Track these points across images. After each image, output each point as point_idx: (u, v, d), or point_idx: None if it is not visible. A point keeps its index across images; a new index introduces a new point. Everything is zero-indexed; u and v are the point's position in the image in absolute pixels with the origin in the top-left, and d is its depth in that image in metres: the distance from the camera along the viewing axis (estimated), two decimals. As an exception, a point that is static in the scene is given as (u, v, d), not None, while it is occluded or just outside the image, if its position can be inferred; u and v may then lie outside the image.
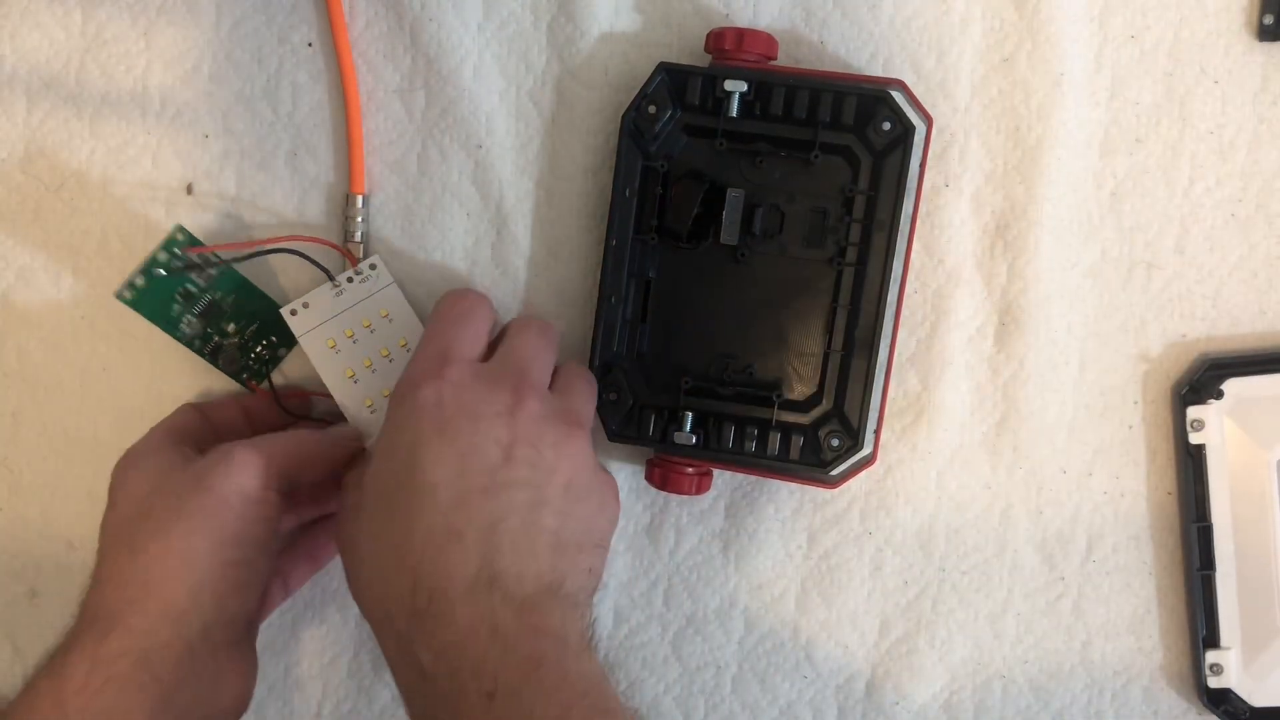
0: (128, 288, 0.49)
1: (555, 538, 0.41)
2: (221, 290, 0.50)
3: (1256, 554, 0.49)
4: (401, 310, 0.50)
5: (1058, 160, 0.49)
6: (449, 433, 0.41)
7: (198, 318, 0.50)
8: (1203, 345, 0.50)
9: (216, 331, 0.50)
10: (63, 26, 0.51)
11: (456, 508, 0.40)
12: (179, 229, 0.50)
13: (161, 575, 0.42)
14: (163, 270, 0.50)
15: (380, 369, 0.49)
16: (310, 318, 0.49)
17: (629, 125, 0.47)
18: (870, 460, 0.48)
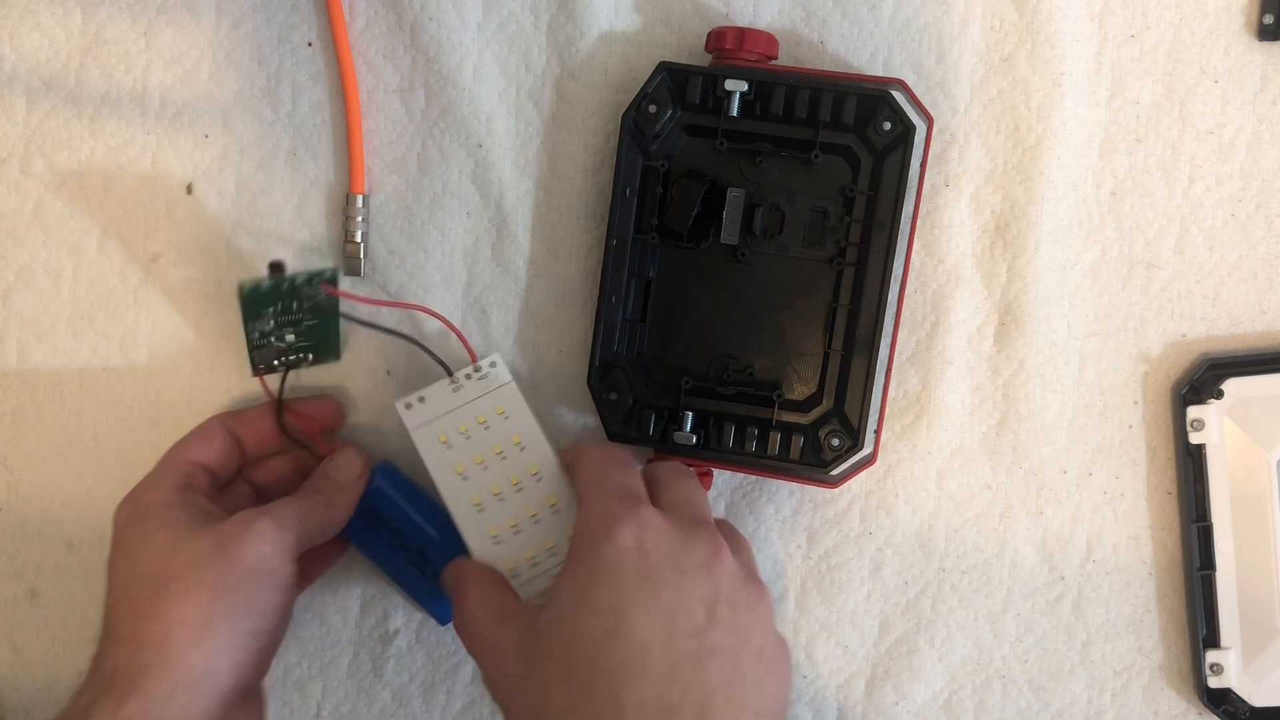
0: (254, 284, 0.47)
1: (755, 716, 0.38)
2: (312, 316, 0.49)
3: (1256, 554, 0.49)
4: (518, 408, 0.47)
5: (1058, 160, 0.49)
6: (654, 584, 0.38)
7: (275, 321, 0.48)
8: (1203, 345, 0.50)
9: (277, 337, 0.49)
10: (63, 26, 0.51)
11: (668, 677, 0.37)
12: (333, 270, 0.48)
13: (180, 642, 0.41)
14: (291, 286, 0.47)
15: (492, 466, 0.47)
16: (425, 412, 0.47)
17: (629, 125, 0.47)
18: (870, 460, 0.48)
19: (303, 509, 0.45)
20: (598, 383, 0.48)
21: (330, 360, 0.50)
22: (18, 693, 0.54)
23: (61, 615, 0.53)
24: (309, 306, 0.48)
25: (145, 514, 0.45)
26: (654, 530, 0.40)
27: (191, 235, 0.52)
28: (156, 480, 0.46)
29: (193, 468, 0.47)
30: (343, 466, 0.48)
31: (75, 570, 0.53)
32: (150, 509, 0.45)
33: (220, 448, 0.48)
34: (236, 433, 0.49)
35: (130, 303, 0.52)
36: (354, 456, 0.48)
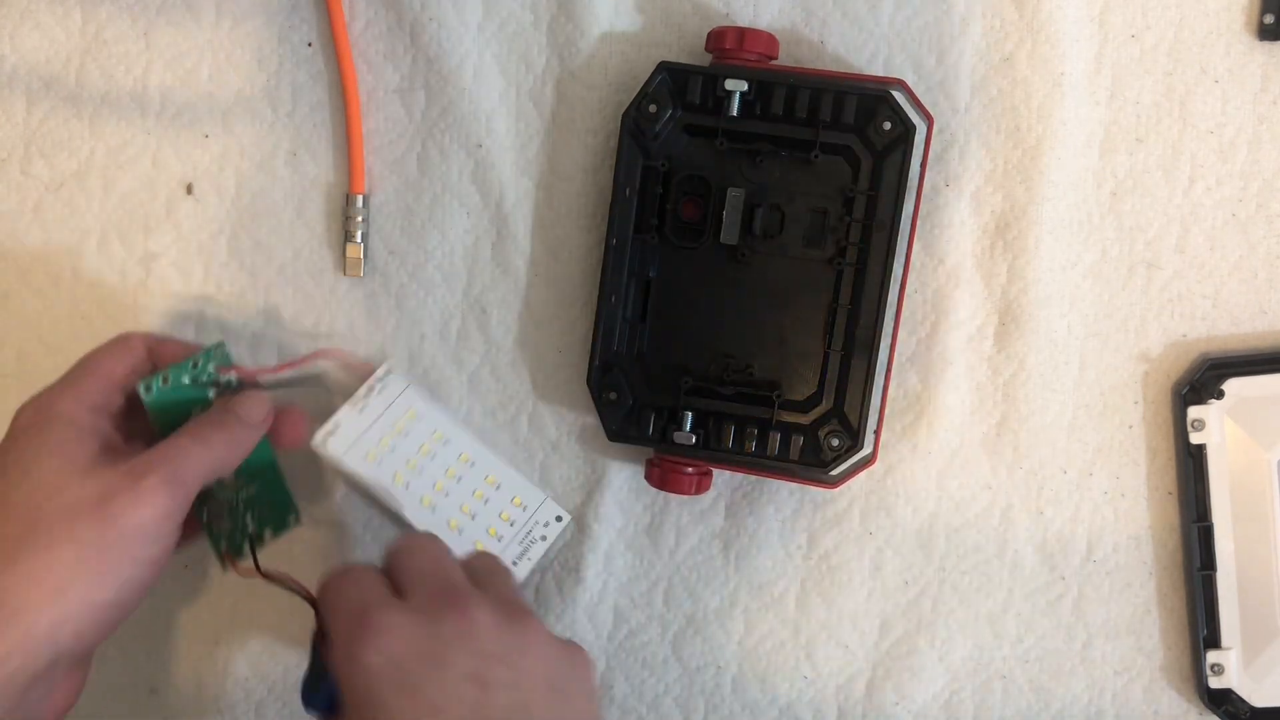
0: (150, 383, 0.44)
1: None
2: (249, 480, 0.47)
3: (1257, 554, 0.49)
4: (426, 407, 0.48)
5: (1058, 160, 0.49)
6: (413, 687, 0.37)
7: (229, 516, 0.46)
8: (1203, 345, 0.50)
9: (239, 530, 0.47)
10: (63, 26, 0.51)
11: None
12: (220, 346, 0.47)
13: (30, 601, 0.38)
14: (187, 379, 0.46)
15: (426, 466, 0.48)
16: (344, 438, 0.48)
17: (629, 125, 0.47)
18: (870, 460, 0.48)
19: (205, 453, 0.42)
20: (598, 383, 0.48)
21: (293, 524, 0.49)
22: None
23: (61, 615, 0.53)
24: (214, 385, 0.46)
25: (46, 425, 0.42)
26: (395, 634, 0.38)
27: (191, 235, 0.52)
28: (69, 388, 0.43)
29: (110, 384, 0.44)
30: (251, 408, 0.45)
31: (75, 570, 0.53)
32: (53, 421, 0.42)
33: (140, 366, 0.45)
34: (157, 352, 0.46)
35: (130, 303, 0.52)
36: (262, 399, 0.46)
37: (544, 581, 0.52)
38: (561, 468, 0.52)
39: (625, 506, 0.51)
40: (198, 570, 0.53)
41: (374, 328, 0.52)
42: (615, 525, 0.51)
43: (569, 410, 0.51)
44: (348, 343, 0.52)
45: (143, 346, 0.46)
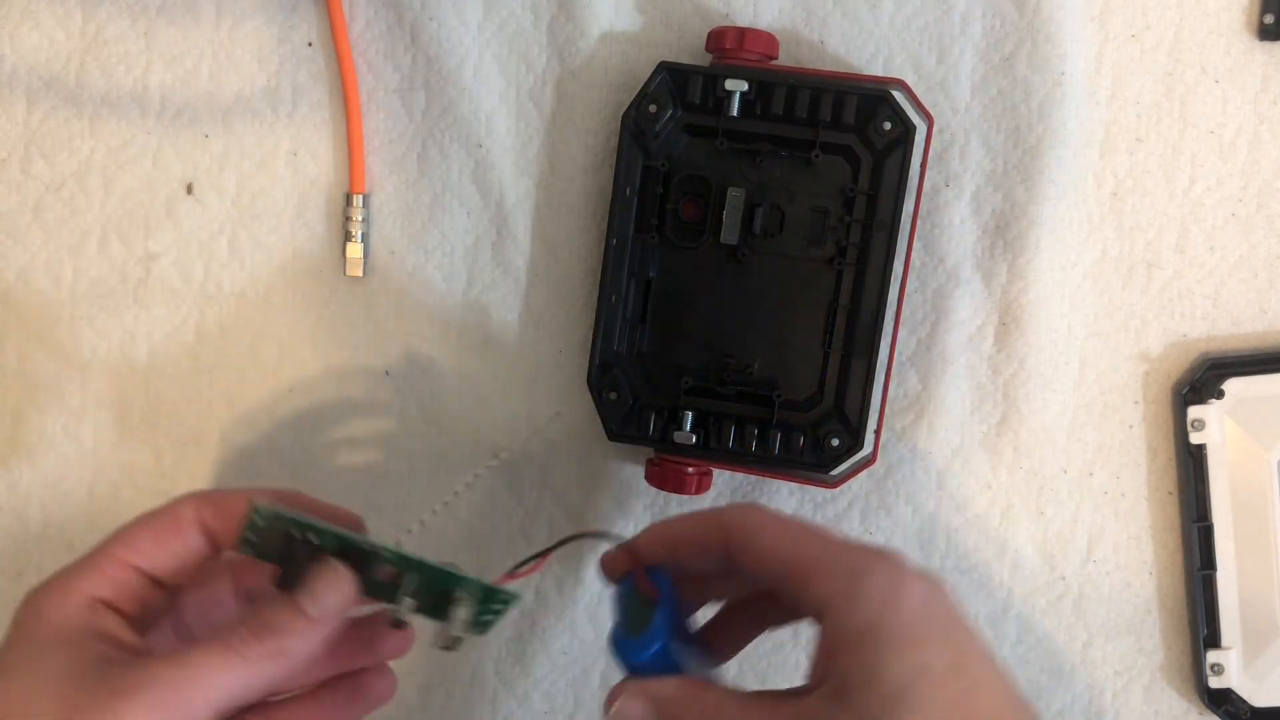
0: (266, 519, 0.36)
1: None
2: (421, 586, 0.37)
3: (1257, 554, 0.49)
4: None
5: (1058, 160, 0.49)
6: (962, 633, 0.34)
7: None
8: (1203, 345, 0.50)
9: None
10: (63, 26, 0.51)
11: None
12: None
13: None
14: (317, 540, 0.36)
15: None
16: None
17: (629, 124, 0.47)
18: (870, 460, 0.48)
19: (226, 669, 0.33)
20: (598, 382, 0.48)
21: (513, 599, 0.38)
22: None
23: (62, 615, 0.53)
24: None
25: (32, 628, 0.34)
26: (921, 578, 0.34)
27: (191, 235, 0.52)
28: (71, 578, 0.35)
29: (129, 572, 0.36)
30: (318, 593, 0.35)
31: (75, 570, 0.53)
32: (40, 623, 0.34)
33: (183, 549, 0.37)
34: (212, 526, 0.37)
35: (130, 303, 0.52)
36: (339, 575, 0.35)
37: (544, 582, 0.52)
38: (561, 468, 0.52)
39: (625, 506, 0.51)
40: (198, 570, 0.53)
41: (374, 328, 0.52)
42: (615, 525, 0.51)
43: (569, 410, 0.51)
44: (348, 342, 0.52)
45: (194, 521, 0.37)
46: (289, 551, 0.35)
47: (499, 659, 0.52)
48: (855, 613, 0.33)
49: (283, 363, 0.52)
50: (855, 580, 0.33)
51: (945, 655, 0.32)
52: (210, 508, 0.37)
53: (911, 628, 0.32)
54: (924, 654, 0.32)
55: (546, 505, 0.52)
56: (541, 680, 0.52)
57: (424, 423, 0.52)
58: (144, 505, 0.52)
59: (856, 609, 0.33)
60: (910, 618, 0.32)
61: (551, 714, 0.52)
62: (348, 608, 0.35)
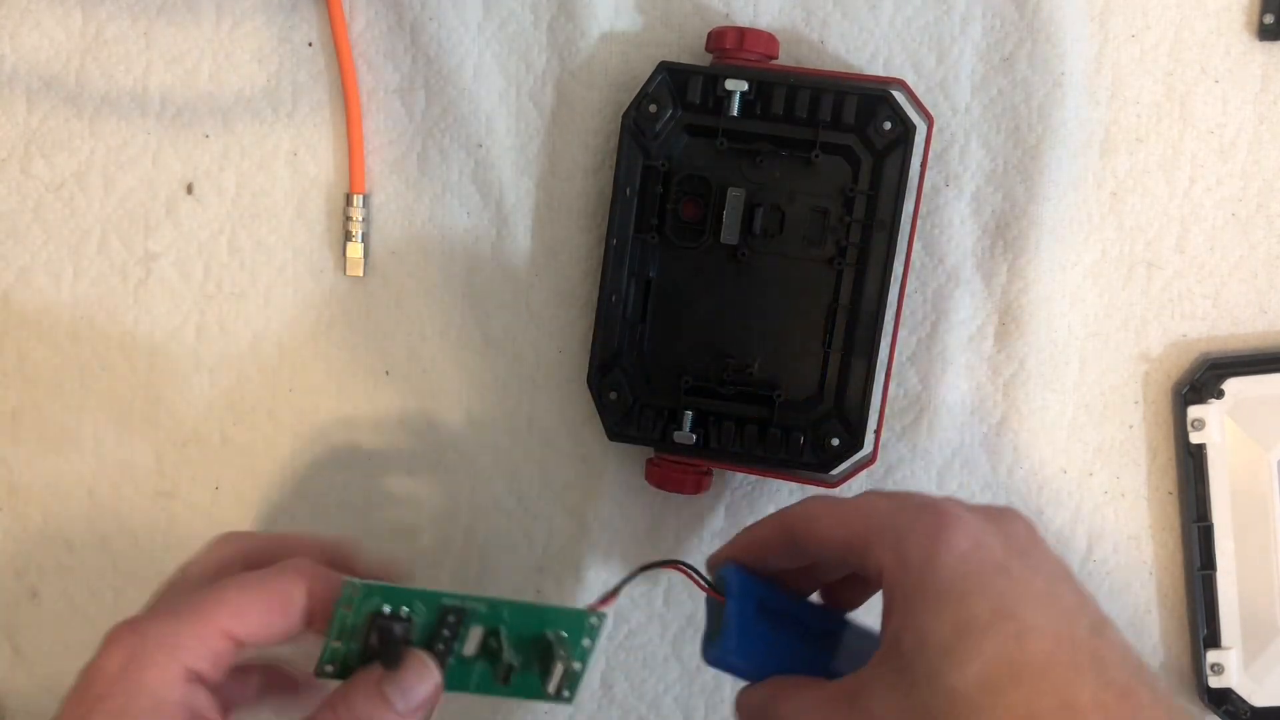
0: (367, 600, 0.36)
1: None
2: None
3: (1257, 554, 0.49)
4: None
5: (1058, 160, 0.49)
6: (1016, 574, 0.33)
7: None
8: (1203, 345, 0.50)
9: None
10: (63, 26, 0.51)
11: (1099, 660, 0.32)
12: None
13: None
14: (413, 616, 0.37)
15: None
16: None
17: (629, 124, 0.47)
18: (870, 460, 0.48)
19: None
20: (598, 382, 0.48)
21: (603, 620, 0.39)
22: (18, 693, 0.54)
23: (62, 615, 0.53)
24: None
25: (125, 700, 0.33)
26: (974, 523, 0.34)
27: (191, 235, 0.52)
28: (179, 648, 0.34)
29: (228, 646, 0.35)
30: (407, 687, 0.35)
31: (76, 570, 0.53)
32: (134, 695, 0.33)
33: (284, 628, 0.35)
34: (316, 605, 0.36)
35: (130, 303, 0.52)
36: (427, 671, 0.36)
37: (544, 582, 0.52)
38: (561, 468, 0.52)
39: (625, 506, 0.51)
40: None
41: (374, 328, 0.52)
42: (615, 525, 0.51)
43: (569, 410, 0.51)
44: (348, 342, 0.52)
45: (302, 596, 0.35)
46: (380, 633, 0.35)
47: (499, 659, 0.52)
48: (901, 575, 0.33)
49: (283, 363, 0.52)
50: (898, 545, 0.33)
51: (989, 604, 0.32)
52: (320, 584, 0.36)
53: (951, 583, 0.32)
54: (966, 607, 0.32)
55: (546, 505, 0.52)
56: (541, 680, 0.52)
57: (424, 423, 0.52)
58: (144, 505, 0.53)
59: (902, 572, 0.33)
60: (950, 573, 0.32)
61: (551, 714, 0.53)
62: (436, 700, 0.36)
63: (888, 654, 0.33)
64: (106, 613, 0.53)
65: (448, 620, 0.36)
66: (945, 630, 0.32)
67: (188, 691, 0.34)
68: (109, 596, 0.53)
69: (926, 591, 0.32)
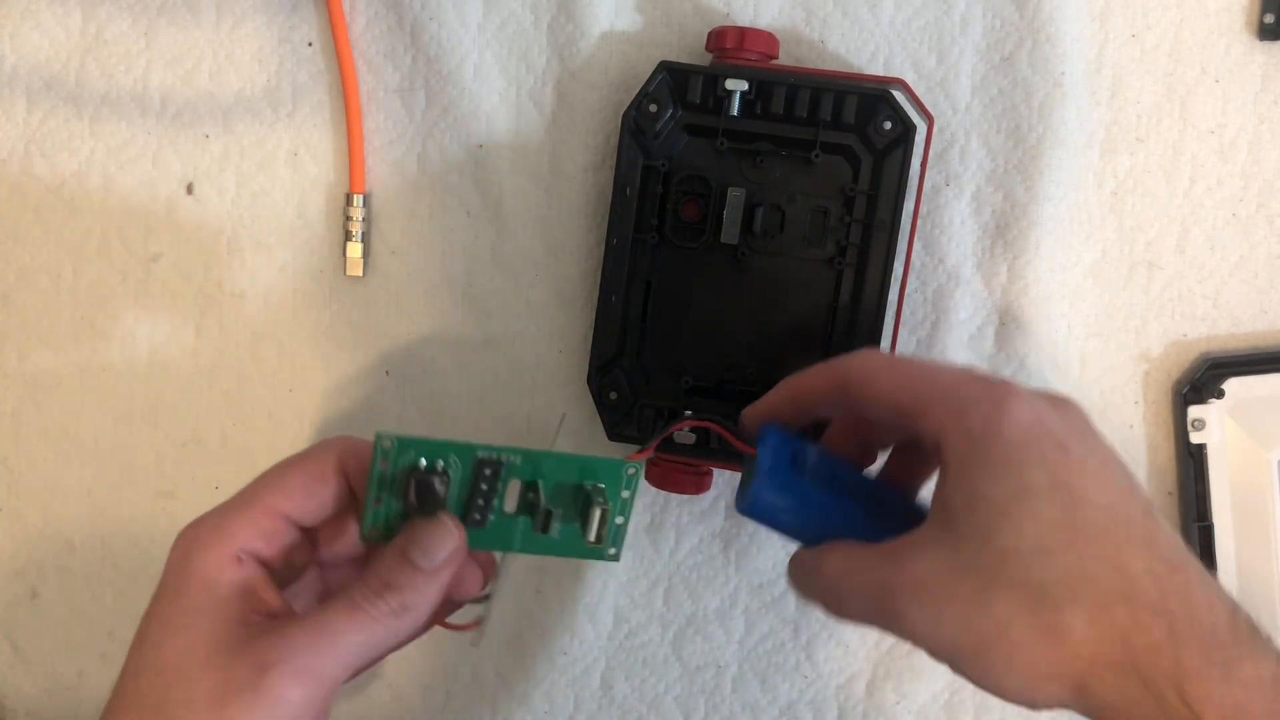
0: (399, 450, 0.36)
1: None
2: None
3: (1257, 554, 0.49)
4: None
5: (1058, 159, 0.49)
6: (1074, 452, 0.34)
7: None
8: (1203, 345, 0.50)
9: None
10: (63, 26, 0.51)
11: (1151, 539, 0.33)
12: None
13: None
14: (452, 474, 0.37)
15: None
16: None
17: (630, 124, 0.47)
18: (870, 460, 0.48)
19: (358, 628, 0.35)
20: (597, 382, 0.48)
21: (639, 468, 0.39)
22: (18, 693, 0.54)
23: (62, 615, 0.53)
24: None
25: (184, 587, 0.36)
26: (1035, 399, 0.34)
27: (191, 235, 0.52)
28: (225, 524, 0.36)
29: (277, 522, 0.37)
30: (427, 546, 0.36)
31: (76, 570, 0.53)
32: (191, 582, 0.35)
33: (328, 496, 0.37)
34: (354, 480, 0.38)
35: (130, 303, 0.52)
36: (446, 529, 0.37)
37: (544, 581, 0.52)
38: (561, 468, 0.52)
39: (625, 506, 0.51)
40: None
41: (374, 328, 0.52)
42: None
43: (569, 410, 0.51)
44: (348, 342, 0.52)
45: (336, 471, 0.37)
46: (418, 488, 0.36)
47: (499, 659, 0.52)
48: (960, 441, 0.33)
49: (283, 363, 0.52)
50: (960, 411, 0.34)
51: (1047, 473, 0.32)
52: (352, 454, 0.38)
53: (1012, 450, 0.33)
54: (1026, 475, 0.32)
55: (546, 505, 0.52)
56: (541, 680, 0.52)
57: (424, 423, 0.52)
58: (144, 505, 0.53)
59: (960, 436, 0.33)
60: (1012, 441, 0.33)
61: (551, 714, 0.53)
62: (459, 556, 0.37)
63: (937, 517, 0.34)
64: (106, 613, 0.53)
65: (484, 473, 0.37)
66: (1002, 494, 0.32)
67: (239, 570, 0.35)
68: (109, 596, 0.53)
69: (986, 458, 0.33)
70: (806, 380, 0.39)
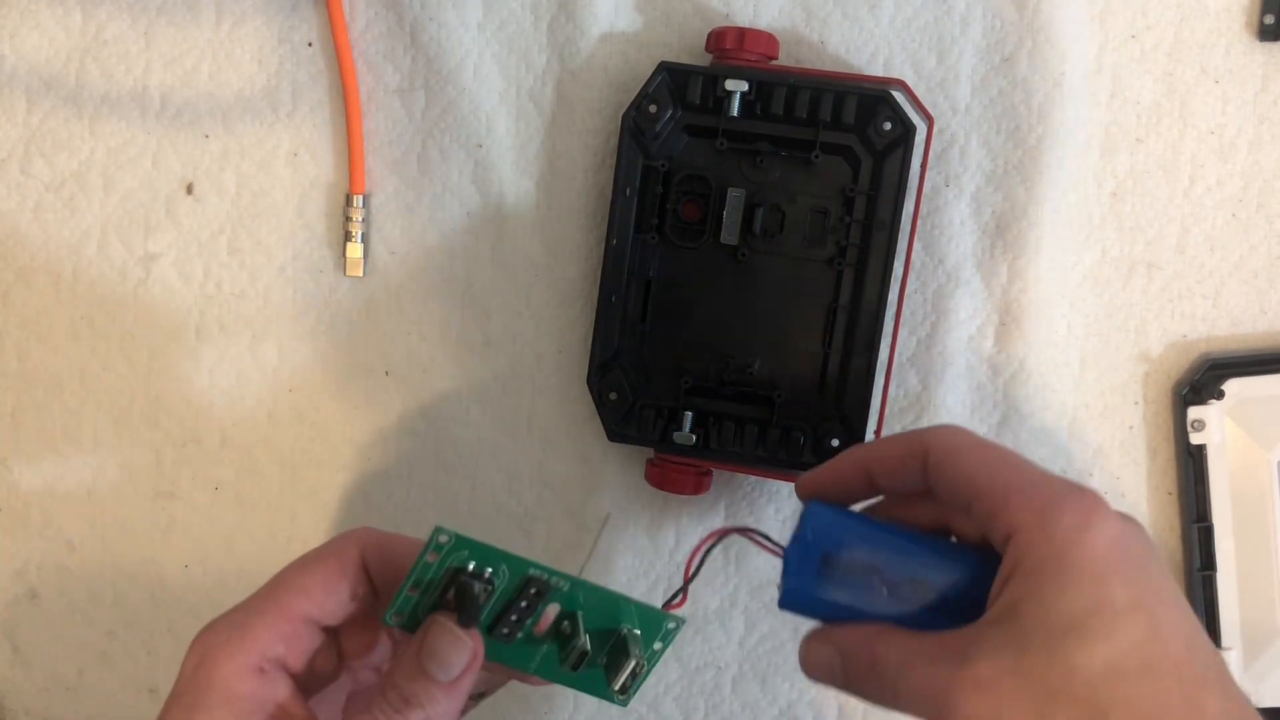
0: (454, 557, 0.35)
1: None
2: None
3: (1257, 555, 0.49)
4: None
5: (1058, 160, 0.49)
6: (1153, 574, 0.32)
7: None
8: (1203, 345, 0.50)
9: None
10: (63, 26, 0.51)
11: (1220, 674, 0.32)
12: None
13: None
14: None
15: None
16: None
17: (630, 124, 0.47)
18: (870, 460, 0.48)
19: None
20: (597, 382, 0.48)
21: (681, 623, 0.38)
22: (18, 693, 0.54)
23: (62, 615, 0.53)
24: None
25: (200, 697, 0.34)
26: (1117, 515, 0.33)
27: (191, 235, 0.52)
28: (243, 633, 0.34)
29: (299, 625, 0.35)
30: (444, 658, 0.35)
31: (76, 570, 0.53)
32: (207, 692, 0.34)
33: (349, 593, 0.36)
34: (374, 568, 0.36)
35: (130, 303, 0.52)
36: (460, 642, 0.35)
37: (544, 581, 0.52)
38: (561, 468, 0.52)
39: (625, 506, 0.51)
40: (198, 568, 0.53)
41: (374, 328, 0.52)
42: (615, 525, 0.51)
43: (569, 410, 0.51)
44: (348, 342, 0.52)
45: (356, 565, 0.36)
46: (459, 589, 0.35)
47: (499, 659, 0.52)
48: (1040, 543, 0.32)
49: (283, 363, 0.52)
50: (1047, 512, 0.32)
51: (1129, 593, 0.31)
52: (374, 546, 0.36)
53: (1095, 563, 0.31)
54: (1107, 590, 0.31)
55: (546, 505, 0.52)
56: (541, 680, 0.52)
57: (424, 422, 0.52)
58: (144, 505, 0.53)
59: (1042, 539, 0.32)
60: (1096, 553, 0.31)
61: (551, 714, 0.53)
62: (476, 668, 0.35)
63: (1001, 619, 0.32)
64: (106, 613, 0.53)
65: (528, 591, 0.35)
66: (1078, 608, 0.31)
67: (260, 682, 0.34)
68: (109, 596, 0.53)
69: (1065, 567, 0.31)
70: (881, 449, 0.37)
